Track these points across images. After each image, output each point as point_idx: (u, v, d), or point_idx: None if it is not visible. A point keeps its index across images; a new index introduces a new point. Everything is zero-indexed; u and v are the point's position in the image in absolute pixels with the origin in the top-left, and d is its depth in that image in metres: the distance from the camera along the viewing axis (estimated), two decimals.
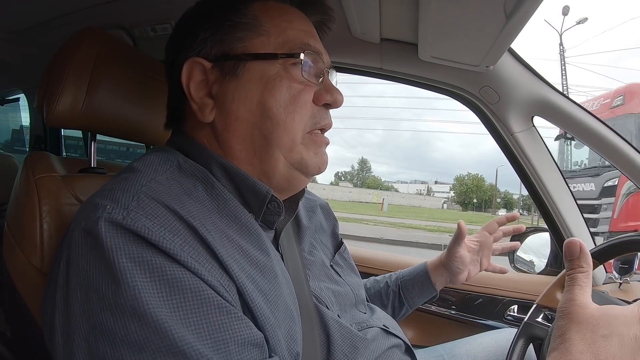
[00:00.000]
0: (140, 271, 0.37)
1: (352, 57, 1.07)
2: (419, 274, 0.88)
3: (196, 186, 0.48)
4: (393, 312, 0.88)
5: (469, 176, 55.98)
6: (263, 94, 0.50)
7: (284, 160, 0.52)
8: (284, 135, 0.50)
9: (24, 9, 1.11)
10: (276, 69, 0.50)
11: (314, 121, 0.53)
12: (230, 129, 0.51)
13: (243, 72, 0.50)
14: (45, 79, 0.65)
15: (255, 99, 0.50)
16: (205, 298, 0.38)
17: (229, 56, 0.51)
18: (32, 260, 0.56)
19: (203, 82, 0.52)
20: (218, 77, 0.51)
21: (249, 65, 0.50)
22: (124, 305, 0.36)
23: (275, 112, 0.50)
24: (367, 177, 73.32)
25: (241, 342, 0.38)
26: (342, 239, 0.78)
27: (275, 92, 0.50)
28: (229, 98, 0.51)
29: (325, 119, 0.55)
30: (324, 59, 0.55)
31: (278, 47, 0.51)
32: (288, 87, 0.51)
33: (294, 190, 0.57)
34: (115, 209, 0.40)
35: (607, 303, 0.69)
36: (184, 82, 0.51)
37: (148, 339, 0.35)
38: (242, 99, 0.50)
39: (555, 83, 1.01)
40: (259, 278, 0.45)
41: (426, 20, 0.79)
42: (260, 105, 0.50)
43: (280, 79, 0.50)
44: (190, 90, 0.51)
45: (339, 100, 0.55)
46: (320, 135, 0.55)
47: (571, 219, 1.06)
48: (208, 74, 0.51)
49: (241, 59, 0.50)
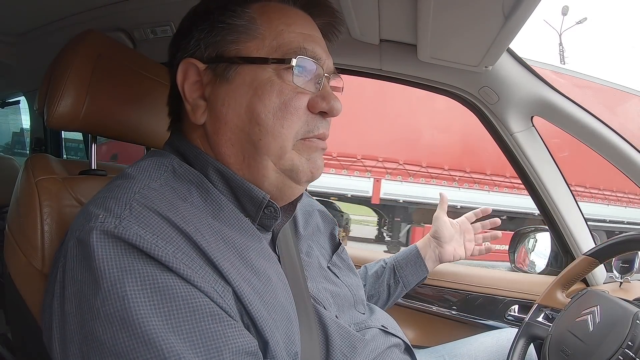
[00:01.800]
0: (130, 281, 0.37)
1: (351, 58, 1.07)
2: (411, 252, 0.96)
3: (191, 191, 0.48)
4: (388, 290, 0.92)
5: None
6: (252, 99, 0.49)
7: (274, 167, 0.50)
8: (272, 142, 0.49)
9: (25, 12, 1.11)
10: (268, 74, 0.49)
11: (307, 129, 0.51)
12: (220, 133, 0.51)
13: (234, 76, 0.49)
14: (46, 81, 0.65)
15: (244, 104, 0.49)
16: (198, 306, 0.38)
17: (222, 58, 0.50)
18: (32, 261, 0.56)
19: (197, 83, 0.51)
20: (211, 79, 0.51)
21: (240, 69, 0.49)
22: (113, 316, 0.36)
23: (263, 119, 0.48)
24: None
25: (235, 350, 0.38)
26: (340, 240, 0.78)
27: (264, 98, 0.48)
28: (220, 101, 0.50)
29: (320, 128, 0.52)
30: (323, 64, 0.52)
31: (272, 51, 0.50)
32: (279, 93, 0.49)
33: (286, 199, 0.55)
34: (107, 217, 0.40)
35: (608, 303, 0.69)
36: (179, 83, 0.51)
37: (136, 350, 0.35)
38: (231, 103, 0.50)
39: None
40: (255, 280, 0.45)
41: (425, 21, 0.79)
42: (249, 111, 0.49)
43: (271, 84, 0.49)
44: (184, 91, 0.51)
45: (336, 108, 0.51)
46: (316, 140, 0.52)
47: (571, 219, 1.06)
48: (202, 75, 0.51)
49: (233, 62, 0.49)
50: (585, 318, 0.70)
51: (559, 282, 0.88)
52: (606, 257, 0.85)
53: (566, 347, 0.69)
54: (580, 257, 0.86)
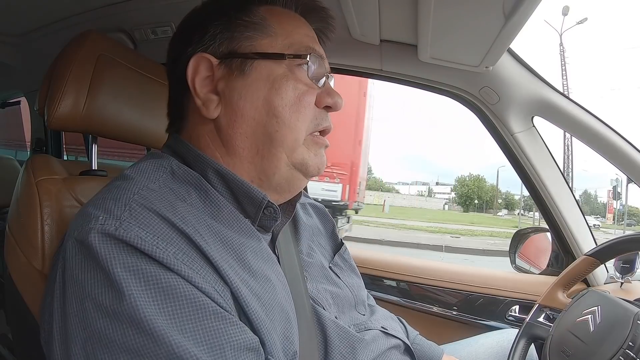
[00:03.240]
0: (135, 280, 0.37)
1: (352, 58, 1.08)
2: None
3: (189, 192, 0.48)
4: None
5: (470, 177, 55.88)
6: (270, 92, 0.51)
7: (286, 160, 0.52)
8: (288, 134, 0.51)
9: (25, 13, 1.12)
10: (282, 69, 0.52)
11: (316, 122, 0.54)
12: (235, 126, 0.52)
13: (250, 71, 0.51)
14: (47, 81, 0.65)
15: (261, 97, 0.51)
16: (200, 305, 0.38)
17: (237, 54, 0.51)
18: (33, 262, 0.56)
19: (208, 79, 0.52)
20: (225, 74, 0.52)
21: (256, 64, 0.51)
22: (122, 313, 0.36)
23: (280, 111, 0.51)
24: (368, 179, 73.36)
25: (237, 346, 0.39)
26: (342, 239, 0.78)
27: (281, 92, 0.51)
28: (236, 95, 0.51)
29: (326, 121, 0.56)
30: (325, 65, 0.57)
31: (285, 48, 0.52)
32: (294, 87, 0.52)
33: (293, 191, 0.57)
34: (107, 219, 0.40)
35: (609, 303, 0.70)
36: (190, 77, 0.51)
37: (146, 346, 0.35)
38: (248, 97, 0.51)
39: (555, 83, 1.01)
40: (252, 282, 0.45)
41: (425, 21, 0.79)
42: (267, 104, 0.51)
43: (286, 79, 0.51)
44: (195, 86, 0.52)
45: (339, 103, 0.56)
46: (320, 137, 0.56)
47: (572, 219, 1.06)
48: (215, 70, 0.52)
49: (249, 57, 0.51)
50: (586, 318, 0.70)
51: (560, 282, 0.88)
52: (607, 257, 0.85)
53: (567, 348, 0.69)
54: (581, 258, 0.86)
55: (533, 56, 41.09)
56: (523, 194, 24.84)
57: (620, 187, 15.83)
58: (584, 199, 49.29)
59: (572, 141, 15.25)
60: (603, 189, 35.17)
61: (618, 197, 16.76)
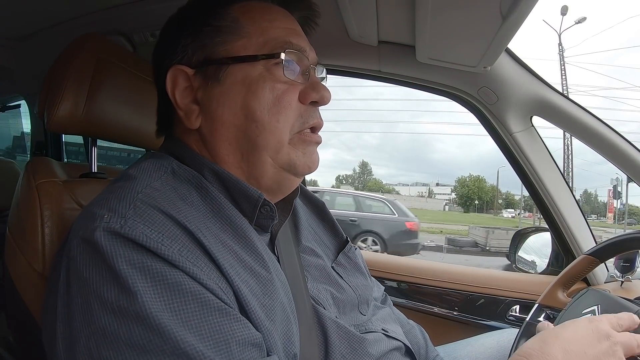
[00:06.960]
0: (141, 277, 0.37)
1: (350, 60, 1.08)
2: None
3: (190, 191, 0.48)
4: None
5: (471, 177, 55.84)
6: (246, 97, 0.50)
7: (272, 162, 0.51)
8: (270, 137, 0.50)
9: (24, 16, 1.12)
10: (258, 70, 0.50)
11: (302, 121, 0.52)
12: (217, 134, 0.51)
13: (225, 77, 0.50)
14: (46, 85, 0.65)
15: (239, 102, 0.50)
16: (205, 301, 0.39)
17: (210, 61, 0.51)
18: (33, 264, 0.56)
19: (188, 89, 0.52)
20: (202, 83, 0.51)
21: (230, 69, 0.50)
22: (127, 310, 0.36)
23: (259, 115, 0.50)
24: (368, 180, 73.09)
25: (242, 342, 0.39)
26: (347, 237, 0.76)
27: (258, 95, 0.50)
28: (214, 103, 0.51)
29: (314, 117, 0.54)
30: (308, 56, 0.54)
31: (259, 48, 0.51)
32: (271, 88, 0.50)
33: (285, 191, 0.56)
34: (112, 218, 0.40)
35: (609, 302, 0.69)
36: (169, 90, 0.51)
37: (152, 342, 0.36)
38: (226, 104, 0.50)
39: (555, 83, 1.01)
40: (253, 283, 0.45)
41: (423, 22, 0.79)
42: (245, 109, 0.50)
43: (262, 80, 0.50)
44: (175, 98, 0.52)
45: (326, 96, 0.53)
46: (310, 134, 0.54)
47: (572, 219, 1.06)
48: (192, 80, 0.51)
49: (223, 63, 0.50)
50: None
51: (560, 281, 0.88)
52: (607, 256, 0.85)
53: None
54: (581, 257, 0.86)
55: (533, 56, 41.08)
56: (523, 194, 24.81)
57: (621, 186, 15.82)
58: (584, 198, 49.29)
59: (572, 141, 15.25)
60: (603, 188, 35.14)
61: (618, 196, 16.74)
